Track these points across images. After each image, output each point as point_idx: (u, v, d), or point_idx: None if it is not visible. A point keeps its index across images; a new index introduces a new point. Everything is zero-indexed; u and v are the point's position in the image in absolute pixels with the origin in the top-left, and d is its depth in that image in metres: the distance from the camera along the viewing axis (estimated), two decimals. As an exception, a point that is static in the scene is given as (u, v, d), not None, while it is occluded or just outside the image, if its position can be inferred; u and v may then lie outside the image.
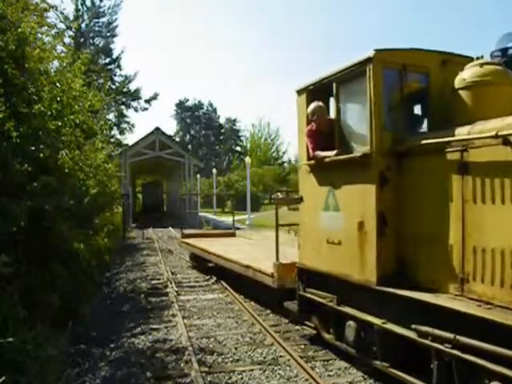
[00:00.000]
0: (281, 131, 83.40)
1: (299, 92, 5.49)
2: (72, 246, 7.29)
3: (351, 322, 4.52)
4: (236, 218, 33.42)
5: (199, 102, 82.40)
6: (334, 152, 4.70)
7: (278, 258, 6.32)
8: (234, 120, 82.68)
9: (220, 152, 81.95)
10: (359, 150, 4.40)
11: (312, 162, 5.14)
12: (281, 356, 5.27)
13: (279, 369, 4.89)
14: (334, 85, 4.76)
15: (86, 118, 9.11)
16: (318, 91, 5.19)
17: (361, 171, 4.30)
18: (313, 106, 5.09)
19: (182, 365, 5.05)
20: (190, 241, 11.98)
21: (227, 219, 33.50)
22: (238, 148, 78.66)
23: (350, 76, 4.53)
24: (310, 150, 5.09)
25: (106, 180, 12.38)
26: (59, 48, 8.54)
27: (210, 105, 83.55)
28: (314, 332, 5.68)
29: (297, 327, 6.39)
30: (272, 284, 6.41)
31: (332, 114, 5.12)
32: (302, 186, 5.49)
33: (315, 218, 5.08)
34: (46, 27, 7.46)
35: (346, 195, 4.53)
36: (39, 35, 7.09)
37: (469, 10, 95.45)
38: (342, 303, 4.68)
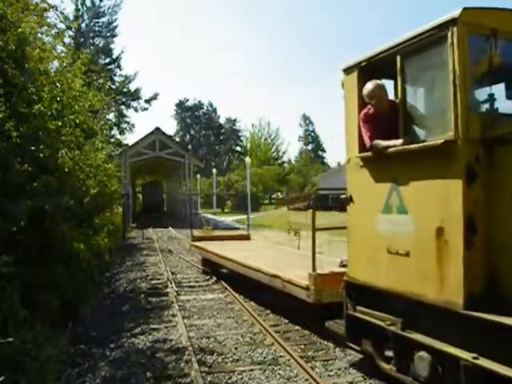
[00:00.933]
0: (280, 131, 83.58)
1: (348, 70, 4.58)
2: (72, 245, 7.28)
3: (424, 354, 3.61)
4: (236, 217, 33.64)
5: (199, 101, 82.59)
6: (400, 141, 3.85)
7: (314, 268, 5.48)
8: (234, 120, 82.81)
9: (220, 152, 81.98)
10: (436, 136, 3.53)
11: (367, 153, 4.23)
12: (281, 356, 5.26)
13: (279, 369, 4.88)
14: (399, 58, 3.88)
15: (86, 117, 9.11)
16: (372, 68, 4.33)
17: (440, 163, 3.46)
18: (371, 85, 4.23)
19: (182, 365, 5.05)
20: (203, 244, 11.04)
21: (227, 219, 33.56)
22: (238, 148, 78.73)
23: (423, 45, 3.66)
24: (367, 139, 4.22)
25: (106, 180, 12.37)
26: (59, 48, 8.55)
27: (210, 105, 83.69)
28: (361, 356, 4.88)
29: (297, 327, 6.39)
30: (307, 298, 5.55)
31: (390, 95, 4.40)
32: (350, 183, 4.59)
33: (370, 222, 4.21)
34: (46, 27, 7.47)
35: (418, 194, 3.67)
36: (39, 35, 7.10)
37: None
38: (407, 328, 3.78)
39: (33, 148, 5.89)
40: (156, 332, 6.33)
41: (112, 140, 25.78)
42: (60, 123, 6.83)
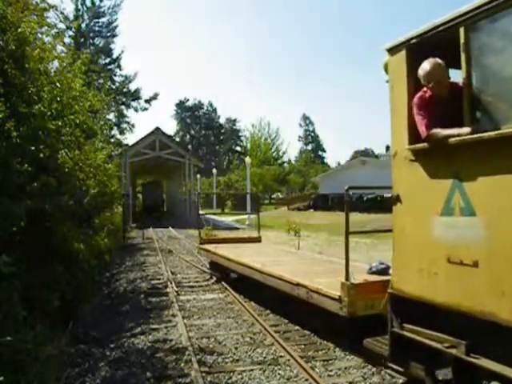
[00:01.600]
0: (280, 131, 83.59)
1: (393, 50, 3.96)
2: (72, 246, 7.28)
3: None
4: (236, 218, 33.66)
5: (199, 101, 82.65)
6: (467, 129, 3.25)
7: (348, 277, 4.81)
8: (234, 120, 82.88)
9: (220, 152, 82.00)
10: None
11: (421, 145, 3.63)
12: (281, 356, 5.26)
13: (279, 369, 4.88)
14: (462, 31, 3.29)
15: (86, 118, 9.10)
16: (423, 46, 3.69)
17: None
18: (428, 64, 3.60)
19: (182, 365, 5.05)
20: (212, 247, 10.31)
21: (227, 219, 33.57)
22: (238, 148, 78.75)
23: (494, 12, 3.04)
24: (422, 128, 3.60)
25: (106, 180, 12.36)
26: (59, 48, 8.56)
27: (210, 105, 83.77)
28: (407, 379, 4.40)
29: (297, 327, 6.39)
30: (338, 311, 4.89)
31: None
32: (398, 180, 3.97)
33: (424, 225, 3.62)
34: (46, 27, 7.47)
35: (490, 192, 3.08)
36: (39, 35, 7.10)
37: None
38: (473, 352, 3.16)
39: (33, 148, 5.88)
40: (156, 332, 6.34)
41: (112, 140, 25.81)
42: (60, 123, 6.82)
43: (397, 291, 3.89)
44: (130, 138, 46.00)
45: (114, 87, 37.18)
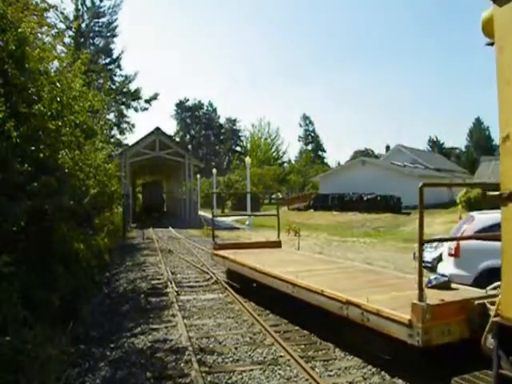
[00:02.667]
0: (280, 131, 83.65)
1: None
2: (72, 246, 7.29)
3: None
4: (235, 218, 33.63)
5: (199, 101, 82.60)
6: None
7: (422, 297, 3.88)
8: (234, 120, 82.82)
9: (220, 152, 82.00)
10: None
11: None
12: (281, 356, 5.26)
13: (279, 369, 4.88)
14: None
15: (85, 118, 9.11)
16: None
17: None
18: None
19: (181, 365, 5.05)
20: (229, 254, 8.87)
21: (227, 219, 33.55)
22: (238, 148, 78.74)
23: None
24: None
25: (106, 180, 12.38)
26: (59, 48, 8.56)
27: (210, 105, 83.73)
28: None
29: (297, 327, 6.38)
30: (408, 339, 3.91)
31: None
32: (509, 172, 3.07)
33: None
34: (46, 27, 7.46)
35: None
36: (39, 35, 7.10)
37: None
38: None
39: (33, 148, 5.89)
40: (156, 332, 6.33)
41: (112, 140, 25.82)
42: (60, 123, 6.83)
43: (507, 321, 2.97)
44: (130, 138, 46.02)
45: (114, 87, 37.21)
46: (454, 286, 4.97)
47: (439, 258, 8.63)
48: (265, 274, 6.98)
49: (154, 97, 41.44)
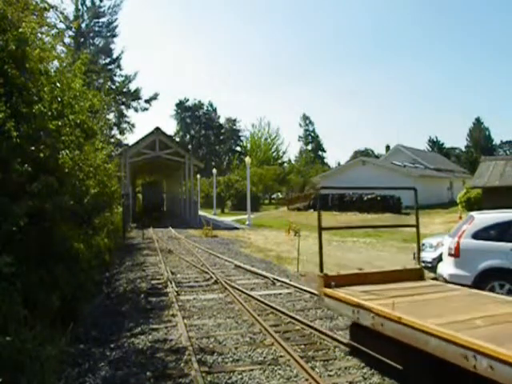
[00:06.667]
0: (280, 131, 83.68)
1: None
2: (72, 246, 7.29)
3: None
4: (235, 218, 33.67)
5: (199, 101, 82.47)
6: None
7: None
8: (234, 120, 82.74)
9: (220, 152, 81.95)
10: None
11: None
12: (281, 356, 5.26)
13: (279, 369, 4.89)
14: None
15: (86, 117, 9.10)
16: None
17: None
18: None
19: (181, 365, 5.05)
20: (364, 298, 4.86)
21: (226, 219, 33.57)
22: (238, 148, 78.70)
23: None
24: None
25: (106, 180, 12.37)
26: (59, 48, 8.55)
27: (210, 105, 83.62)
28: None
29: (297, 327, 6.38)
30: None
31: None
32: None
33: None
34: (46, 27, 7.46)
35: None
36: (39, 35, 7.09)
37: None
38: None
39: (33, 148, 5.89)
40: (156, 332, 6.34)
41: (112, 140, 25.82)
42: (60, 123, 6.83)
43: None
44: (130, 138, 46.11)
45: (114, 87, 37.21)
46: None
47: (439, 258, 8.64)
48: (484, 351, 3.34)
49: (154, 97, 41.54)
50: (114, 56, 40.42)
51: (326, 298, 5.47)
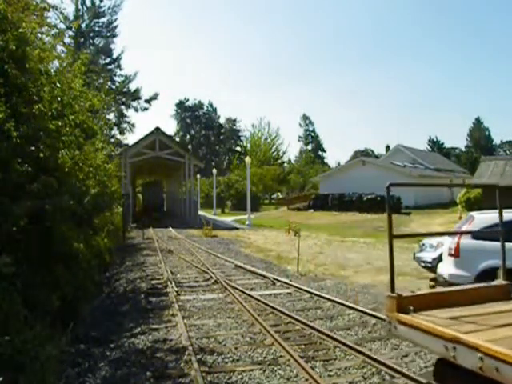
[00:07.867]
0: (280, 131, 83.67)
1: None
2: (72, 246, 7.28)
3: None
4: (235, 218, 33.67)
5: (199, 101, 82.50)
6: None
7: None
8: (234, 120, 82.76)
9: (220, 152, 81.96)
10: None
11: None
12: (281, 356, 5.26)
13: (279, 369, 4.89)
14: None
15: (85, 117, 9.10)
16: None
17: None
18: None
19: (181, 365, 5.05)
20: (465, 334, 2.97)
21: (226, 219, 33.58)
22: (238, 148, 78.66)
23: None
24: None
25: (106, 180, 12.37)
26: (59, 48, 8.55)
27: (210, 105, 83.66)
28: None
29: (297, 327, 6.39)
30: None
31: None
32: None
33: None
34: (46, 27, 7.46)
35: None
36: (39, 35, 7.09)
37: None
38: None
39: (33, 148, 5.89)
40: (156, 332, 6.34)
41: (112, 140, 25.82)
42: (60, 123, 6.83)
43: None
44: (130, 138, 46.09)
45: (114, 87, 37.19)
46: None
47: (439, 258, 8.63)
48: None
49: (154, 97, 41.48)
50: (114, 56, 40.41)
51: (401, 326, 3.75)
